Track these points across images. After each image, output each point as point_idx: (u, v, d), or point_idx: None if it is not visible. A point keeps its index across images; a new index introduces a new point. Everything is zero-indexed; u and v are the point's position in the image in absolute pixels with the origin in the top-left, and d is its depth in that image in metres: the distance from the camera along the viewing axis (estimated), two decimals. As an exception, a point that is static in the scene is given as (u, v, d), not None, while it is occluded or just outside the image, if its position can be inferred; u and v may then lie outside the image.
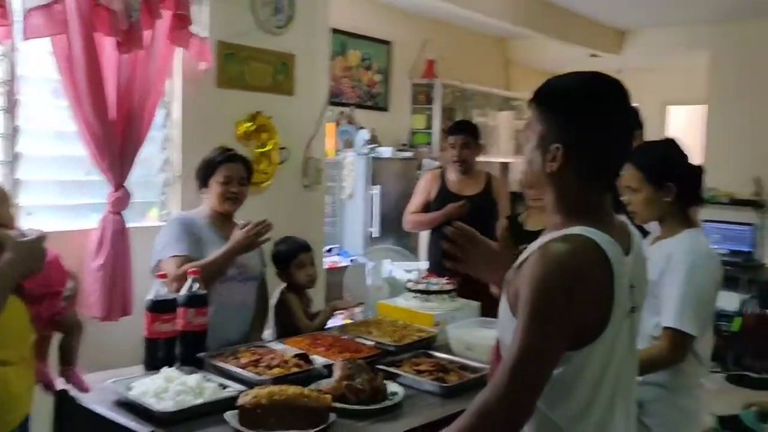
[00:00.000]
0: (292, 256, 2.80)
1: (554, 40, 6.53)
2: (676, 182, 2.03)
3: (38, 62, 2.68)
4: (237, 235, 2.49)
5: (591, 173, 1.31)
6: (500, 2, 5.74)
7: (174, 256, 2.47)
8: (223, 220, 2.64)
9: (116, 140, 2.73)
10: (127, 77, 2.76)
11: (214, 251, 2.50)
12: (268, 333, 2.86)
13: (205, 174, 2.61)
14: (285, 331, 2.72)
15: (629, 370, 1.36)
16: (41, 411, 1.97)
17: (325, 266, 4.20)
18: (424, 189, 3.84)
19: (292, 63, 3.57)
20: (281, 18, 3.48)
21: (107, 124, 2.68)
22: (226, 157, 2.61)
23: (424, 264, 4.25)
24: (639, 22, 6.87)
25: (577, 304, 1.21)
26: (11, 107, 2.66)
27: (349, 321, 3.83)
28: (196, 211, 2.67)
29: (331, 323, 2.87)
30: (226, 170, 2.58)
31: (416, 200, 3.84)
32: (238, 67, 3.30)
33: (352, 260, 4.57)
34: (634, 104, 1.41)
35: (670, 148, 2.10)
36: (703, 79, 6.61)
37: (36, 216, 2.69)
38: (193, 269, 2.35)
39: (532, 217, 3.28)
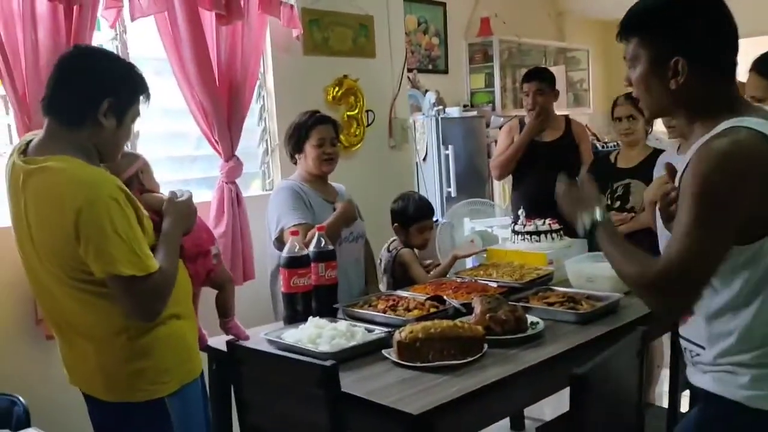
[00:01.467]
0: (419, 218, 2.84)
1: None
2: None
3: (142, 43, 2.77)
4: (344, 207, 2.60)
5: (715, 72, 1.31)
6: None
7: (294, 225, 2.54)
8: (320, 183, 2.72)
9: (224, 112, 2.82)
10: (228, 50, 2.84)
11: (326, 217, 2.59)
12: (381, 288, 2.94)
13: (297, 139, 2.66)
14: (399, 286, 2.78)
15: None
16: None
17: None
18: (506, 136, 3.84)
19: (372, 25, 3.61)
20: (357, -20, 3.52)
21: (215, 97, 2.77)
22: (316, 119, 2.66)
23: (503, 219, 4.28)
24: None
25: (746, 199, 1.19)
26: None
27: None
28: (294, 177, 2.74)
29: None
30: (318, 133, 2.63)
31: (500, 148, 3.84)
32: (322, 32, 3.35)
33: (436, 220, 4.61)
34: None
35: None
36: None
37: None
38: (321, 225, 2.43)
39: (623, 153, 3.28)
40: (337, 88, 3.40)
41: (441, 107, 5.25)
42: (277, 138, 3.19)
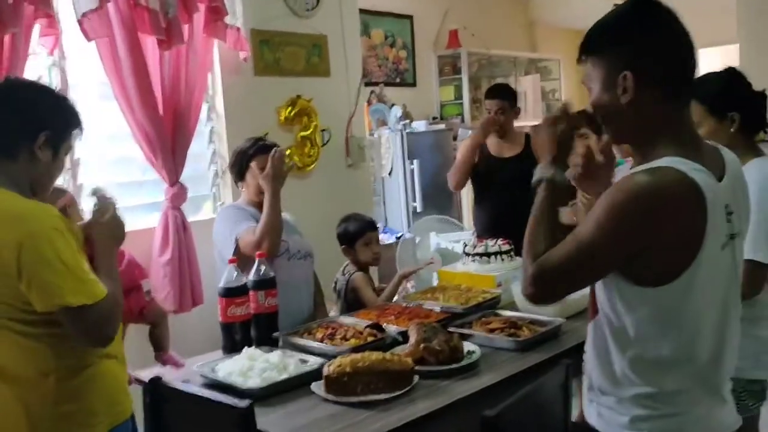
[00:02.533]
0: (360, 234, 2.84)
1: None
2: (740, 111, 1.99)
3: (86, 68, 2.74)
4: (266, 171, 2.51)
5: (666, 89, 1.28)
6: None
7: (251, 227, 2.52)
8: None
9: (167, 137, 2.80)
10: (171, 74, 2.82)
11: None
12: (332, 312, 2.92)
13: (240, 168, 2.65)
14: (351, 310, 2.77)
15: (735, 299, 1.34)
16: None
17: (375, 244, 4.23)
18: (471, 154, 3.77)
19: (325, 44, 3.60)
20: (310, 0, 3.50)
21: (157, 122, 2.75)
22: (257, 148, 2.63)
23: (467, 234, 4.26)
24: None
25: (652, 233, 1.20)
26: (64, 115, 2.72)
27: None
28: (239, 202, 2.73)
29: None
30: (260, 162, 2.60)
31: (469, 161, 3.75)
32: (274, 53, 3.33)
33: (398, 237, 4.61)
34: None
35: (730, 76, 2.05)
36: (734, 17, 6.45)
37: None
38: (260, 252, 2.40)
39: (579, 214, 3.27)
40: (290, 109, 3.38)
41: (407, 121, 5.25)
42: (227, 160, 3.15)
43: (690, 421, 1.30)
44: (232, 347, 2.26)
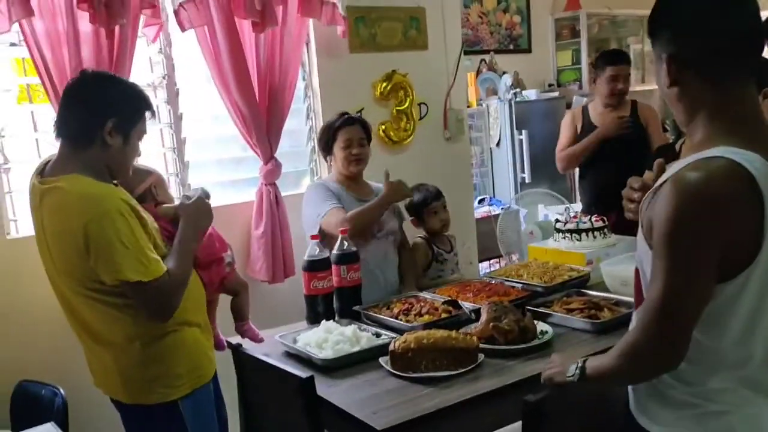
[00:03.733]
0: (424, 204, 2.92)
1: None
2: None
3: (191, 53, 2.92)
4: (388, 185, 2.67)
5: (707, 70, 1.21)
6: None
7: (332, 208, 2.62)
8: (353, 183, 2.78)
9: (262, 117, 2.93)
10: (267, 55, 2.94)
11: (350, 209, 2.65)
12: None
13: (326, 142, 2.76)
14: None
15: None
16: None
17: (477, 216, 4.21)
18: (569, 126, 3.73)
19: (423, 17, 3.57)
20: (406, -28, 3.49)
21: (253, 104, 2.89)
22: (342, 121, 2.74)
23: (578, 206, 4.12)
24: None
25: (720, 235, 1.12)
26: (172, 98, 2.94)
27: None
28: (327, 178, 2.85)
29: (487, 271, 2.88)
30: (345, 134, 2.71)
31: (564, 138, 3.73)
32: (369, 29, 3.36)
33: (503, 209, 4.54)
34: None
35: None
36: None
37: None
38: (343, 228, 2.49)
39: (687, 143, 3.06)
40: (385, 84, 3.41)
41: (518, 90, 5.11)
42: (322, 137, 3.26)
43: (740, 421, 1.22)
44: (315, 318, 2.37)
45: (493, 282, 2.56)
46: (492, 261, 4.43)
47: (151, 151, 2.86)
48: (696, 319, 1.17)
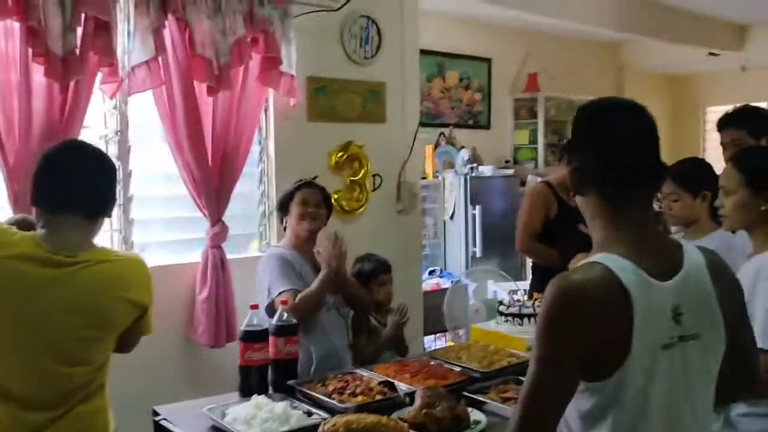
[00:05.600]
0: (374, 274, 2.92)
1: (667, 42, 6.22)
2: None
3: (146, 111, 2.91)
4: (324, 258, 2.63)
5: (604, 188, 1.30)
6: (605, 9, 5.55)
7: (283, 292, 2.59)
8: (307, 247, 2.75)
9: (213, 179, 2.92)
10: (223, 118, 2.95)
11: (312, 281, 2.64)
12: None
13: (283, 202, 2.78)
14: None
15: (690, 405, 1.27)
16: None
17: (426, 288, 4.22)
18: (540, 206, 3.40)
19: (383, 91, 3.65)
20: (369, 48, 3.58)
21: (204, 165, 2.88)
22: (303, 183, 2.80)
23: (527, 284, 4.15)
24: (762, 15, 6.39)
25: (585, 335, 1.19)
26: (124, 154, 2.91)
27: (450, 344, 3.82)
28: (282, 243, 2.82)
29: (432, 345, 2.82)
30: (303, 194, 2.74)
31: (533, 219, 3.40)
32: (329, 99, 3.42)
33: (453, 282, 4.56)
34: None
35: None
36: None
37: (148, 251, 2.93)
38: (283, 299, 2.46)
39: None
40: (341, 153, 3.45)
41: (475, 164, 5.23)
42: (275, 201, 3.25)
43: None
44: (247, 391, 2.30)
45: (432, 363, 2.54)
46: (438, 335, 4.42)
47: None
48: (556, 410, 1.23)
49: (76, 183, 1.75)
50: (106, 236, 2.82)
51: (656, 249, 1.29)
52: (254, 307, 2.42)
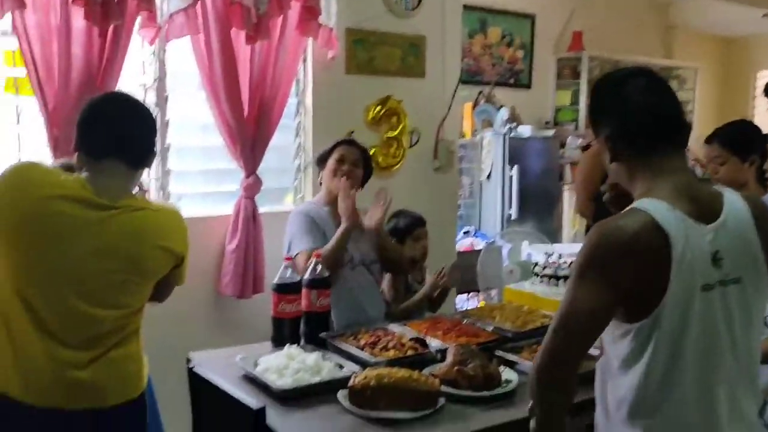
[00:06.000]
0: (410, 230, 2.89)
1: (721, 1, 5.94)
2: None
3: (184, 59, 2.89)
4: (343, 211, 2.57)
5: (636, 145, 1.38)
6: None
7: (304, 251, 2.57)
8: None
9: (249, 130, 2.90)
10: (260, 69, 2.91)
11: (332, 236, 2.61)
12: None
13: (322, 156, 2.74)
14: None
15: (734, 349, 1.31)
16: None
17: (460, 249, 4.18)
18: (600, 167, 3.45)
19: (423, 45, 3.56)
20: (410, 0, 3.48)
21: (241, 115, 2.86)
22: (344, 140, 2.74)
23: (566, 247, 4.09)
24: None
25: (623, 272, 1.25)
26: (162, 103, 2.90)
27: (483, 304, 3.81)
28: (316, 199, 2.79)
29: (464, 305, 2.81)
30: (341, 151, 2.69)
31: (594, 179, 3.36)
32: (367, 52, 3.34)
33: (488, 243, 4.51)
34: None
35: None
36: None
37: (183, 202, 2.93)
38: (318, 252, 2.45)
39: None
40: (378, 108, 3.39)
41: (514, 124, 5.11)
42: (311, 155, 3.23)
43: None
44: (280, 341, 2.32)
45: (465, 322, 2.52)
46: (470, 295, 4.39)
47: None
48: (585, 338, 1.31)
49: (119, 131, 1.77)
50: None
51: (695, 195, 1.33)
52: (288, 259, 2.42)
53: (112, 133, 1.75)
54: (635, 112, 1.39)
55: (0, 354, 1.70)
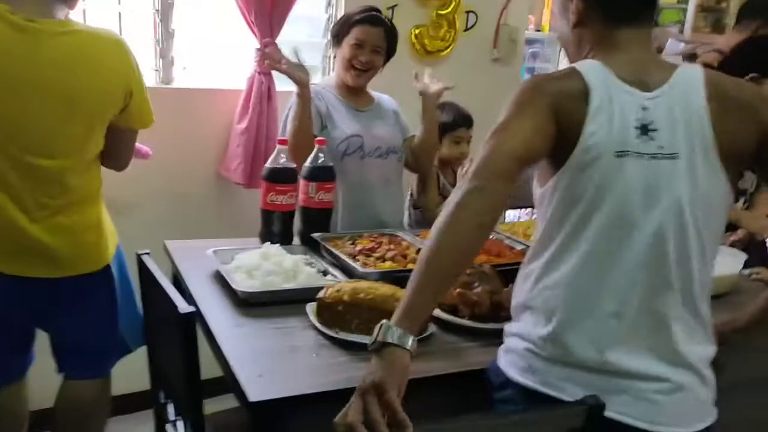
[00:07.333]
0: (451, 126, 2.50)
1: None
2: None
3: None
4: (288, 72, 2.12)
5: (609, 11, 1.26)
6: None
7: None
8: (351, 92, 2.29)
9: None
10: None
11: (348, 126, 2.21)
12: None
13: (339, 31, 2.25)
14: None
15: (643, 225, 1.18)
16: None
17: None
18: None
19: None
20: None
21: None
22: (365, 16, 2.21)
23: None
24: None
25: (547, 111, 1.18)
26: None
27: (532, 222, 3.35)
28: (328, 78, 2.35)
29: (515, 220, 2.44)
30: (361, 32, 2.19)
31: None
32: None
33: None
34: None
35: None
36: None
37: (190, 71, 2.58)
38: (320, 138, 2.06)
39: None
40: (428, -21, 2.87)
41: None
42: (343, 29, 2.77)
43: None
44: (268, 237, 2.01)
45: (493, 238, 2.09)
46: (522, 210, 3.92)
47: (135, 10, 2.46)
48: (515, 157, 1.15)
49: None
50: (144, 46, 2.48)
51: (645, 66, 1.24)
52: (282, 142, 2.04)
53: None
54: None
55: None
